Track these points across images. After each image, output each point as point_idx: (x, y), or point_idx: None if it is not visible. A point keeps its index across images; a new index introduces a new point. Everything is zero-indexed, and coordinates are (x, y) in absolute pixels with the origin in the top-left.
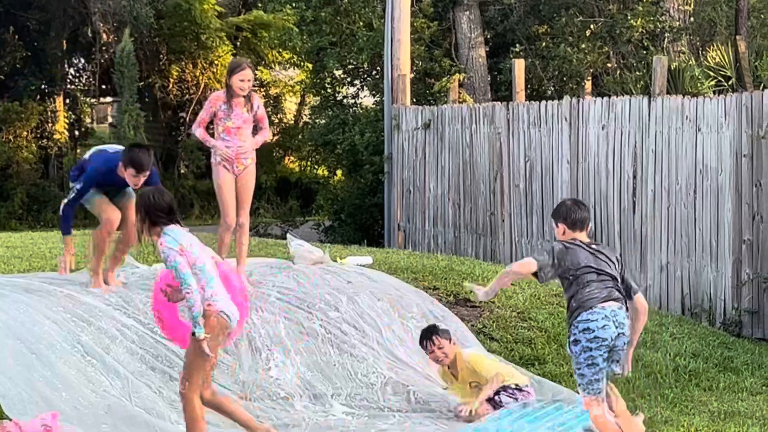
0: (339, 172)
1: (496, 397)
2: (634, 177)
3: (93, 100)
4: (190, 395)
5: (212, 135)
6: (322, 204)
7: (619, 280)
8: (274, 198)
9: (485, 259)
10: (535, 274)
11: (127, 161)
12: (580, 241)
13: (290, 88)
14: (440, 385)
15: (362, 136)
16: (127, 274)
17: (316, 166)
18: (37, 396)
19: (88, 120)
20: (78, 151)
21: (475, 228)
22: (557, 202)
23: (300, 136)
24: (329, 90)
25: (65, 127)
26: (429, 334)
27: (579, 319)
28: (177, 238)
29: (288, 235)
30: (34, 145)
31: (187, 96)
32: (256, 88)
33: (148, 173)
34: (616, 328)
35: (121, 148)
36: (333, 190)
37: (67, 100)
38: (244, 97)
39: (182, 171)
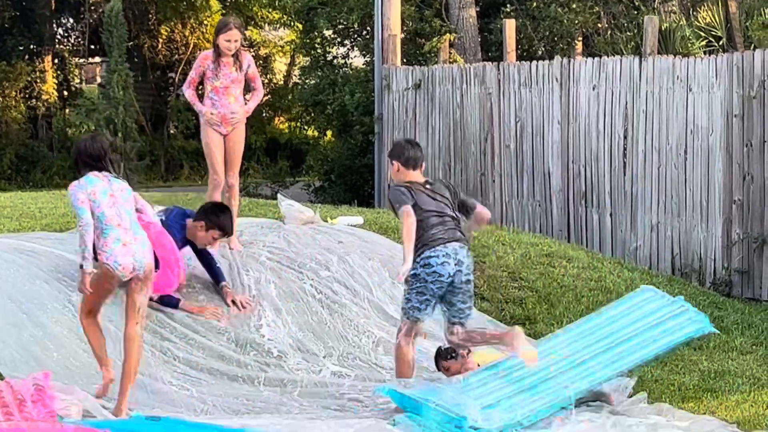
0: (329, 132)
1: None
2: (625, 137)
3: (81, 60)
4: (81, 320)
5: (202, 95)
6: (312, 164)
7: (457, 213)
8: (264, 159)
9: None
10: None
11: (214, 224)
12: (418, 183)
13: (280, 48)
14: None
15: (352, 96)
16: None
17: (306, 127)
18: (28, 356)
19: (77, 80)
20: (66, 111)
21: (466, 188)
22: (548, 162)
23: (290, 97)
24: (319, 50)
25: (54, 87)
26: (436, 361)
27: (422, 255)
28: (87, 184)
29: (278, 196)
30: (22, 105)
31: (176, 56)
32: (246, 48)
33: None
34: (456, 265)
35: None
36: (323, 151)
37: (56, 60)
38: (232, 56)
39: (171, 131)
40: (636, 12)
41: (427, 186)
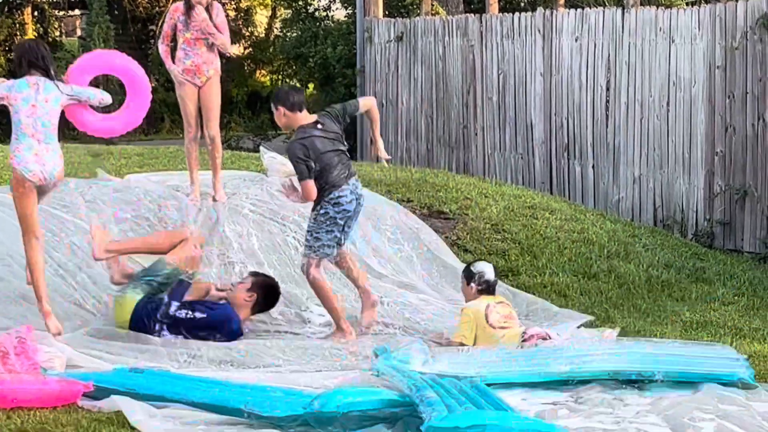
0: (311, 85)
1: None
2: (608, 89)
3: (61, 13)
4: (24, 242)
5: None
6: None
7: (343, 132)
8: (246, 112)
9: (458, 172)
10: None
11: (260, 307)
12: (311, 126)
13: (261, 0)
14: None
15: (334, 49)
16: (100, 188)
17: (288, 80)
18: (11, 309)
19: (57, 33)
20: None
21: (448, 141)
22: (531, 114)
23: (271, 50)
24: (300, 2)
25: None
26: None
27: (331, 195)
28: (13, 88)
29: (261, 148)
30: (2, 57)
31: (157, 8)
32: (227, 1)
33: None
34: (356, 198)
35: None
36: (306, 103)
37: (35, 13)
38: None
39: (152, 84)
40: None
41: (319, 126)
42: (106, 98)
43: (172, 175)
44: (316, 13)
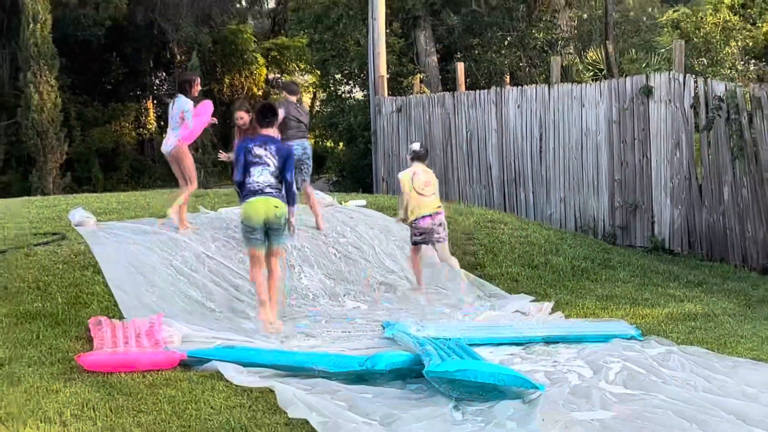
0: (341, 143)
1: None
2: (540, 139)
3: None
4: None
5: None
6: (330, 165)
7: (307, 124)
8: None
9: (443, 198)
10: None
11: None
12: (294, 101)
13: (306, 88)
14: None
15: (355, 118)
16: (201, 217)
17: (325, 140)
18: (143, 304)
19: None
20: (162, 136)
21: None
22: (489, 158)
23: (313, 121)
24: (332, 88)
25: (154, 119)
26: None
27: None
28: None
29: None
30: (133, 132)
31: (236, 95)
32: (279, 91)
33: None
34: (303, 149)
35: None
36: (337, 156)
37: (155, 101)
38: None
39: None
40: (545, 54)
41: (297, 104)
42: (189, 124)
43: None
44: (342, 95)
